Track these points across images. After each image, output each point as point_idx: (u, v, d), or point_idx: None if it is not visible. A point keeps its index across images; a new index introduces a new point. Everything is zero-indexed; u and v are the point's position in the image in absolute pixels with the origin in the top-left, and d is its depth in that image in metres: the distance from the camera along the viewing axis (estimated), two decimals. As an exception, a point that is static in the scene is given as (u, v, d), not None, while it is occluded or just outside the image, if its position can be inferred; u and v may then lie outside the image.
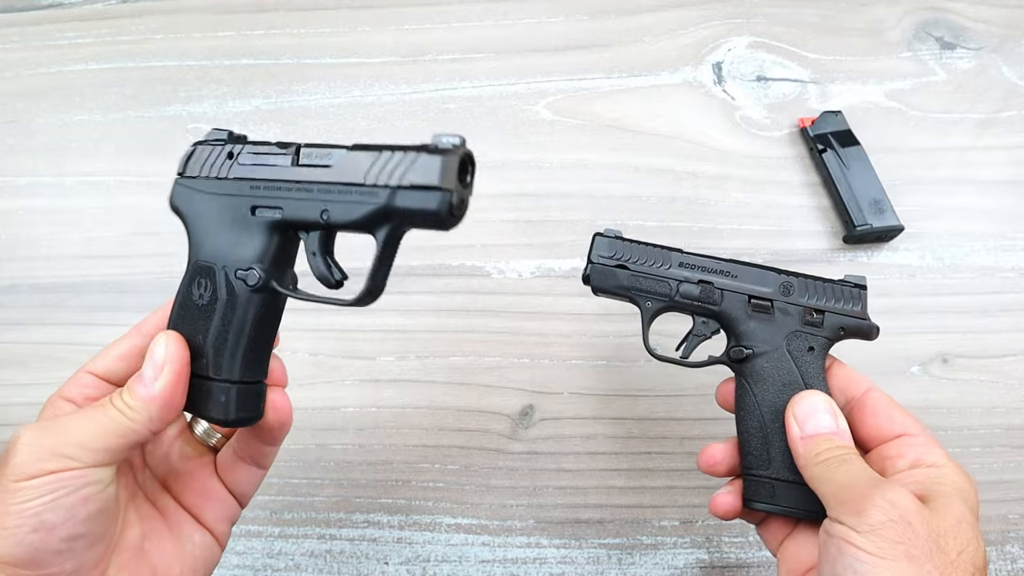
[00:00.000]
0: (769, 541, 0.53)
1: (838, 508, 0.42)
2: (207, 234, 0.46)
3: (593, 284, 0.56)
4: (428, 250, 0.78)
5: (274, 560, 0.70)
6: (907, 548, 0.38)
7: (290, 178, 0.45)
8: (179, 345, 0.44)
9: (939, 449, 0.47)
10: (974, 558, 0.40)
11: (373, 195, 0.42)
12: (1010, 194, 0.76)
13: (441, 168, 0.40)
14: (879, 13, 0.84)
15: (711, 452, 0.55)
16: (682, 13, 0.85)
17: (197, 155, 0.48)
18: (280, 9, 0.89)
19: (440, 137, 0.41)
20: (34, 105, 0.87)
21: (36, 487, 0.38)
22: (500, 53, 0.85)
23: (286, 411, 0.49)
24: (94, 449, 0.40)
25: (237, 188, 0.46)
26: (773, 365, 0.52)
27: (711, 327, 0.55)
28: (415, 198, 0.41)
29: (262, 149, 0.46)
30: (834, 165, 0.75)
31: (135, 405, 0.41)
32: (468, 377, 0.74)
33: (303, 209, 0.44)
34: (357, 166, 0.43)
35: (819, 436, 0.47)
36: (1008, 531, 0.67)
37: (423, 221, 0.41)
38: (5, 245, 0.81)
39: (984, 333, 0.72)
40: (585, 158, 0.80)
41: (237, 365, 0.45)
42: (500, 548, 0.69)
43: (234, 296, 0.45)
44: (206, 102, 0.85)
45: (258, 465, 0.51)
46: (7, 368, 0.77)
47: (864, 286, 0.54)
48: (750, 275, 0.54)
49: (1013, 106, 0.79)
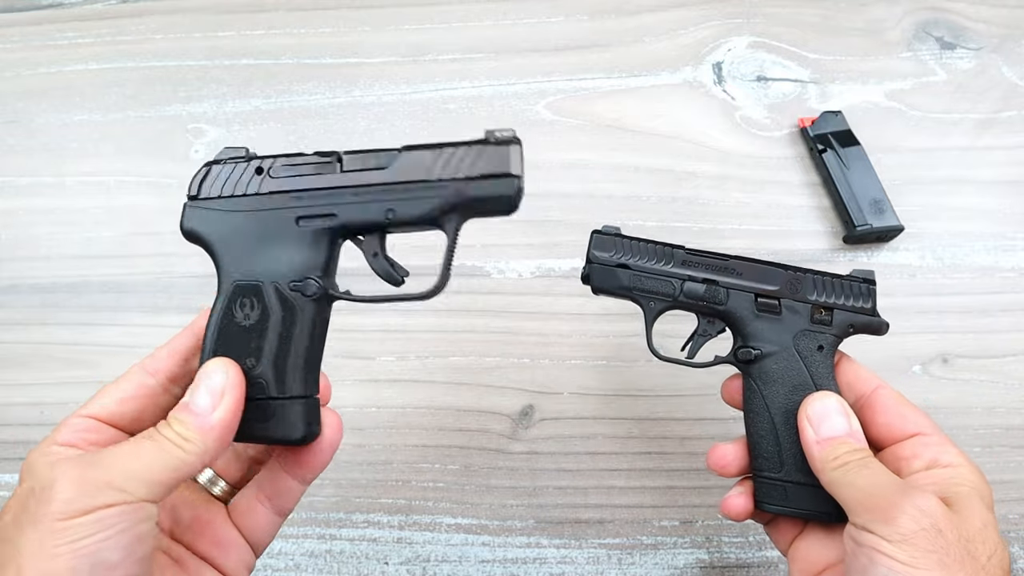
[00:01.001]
0: (779, 541, 0.53)
1: (865, 515, 0.41)
2: (244, 252, 0.45)
3: (593, 284, 0.55)
4: (428, 250, 0.77)
5: (274, 560, 0.70)
6: (940, 557, 0.38)
7: (343, 184, 0.45)
8: (238, 373, 0.42)
9: (953, 448, 0.46)
10: (1002, 563, 0.40)
11: (442, 188, 0.44)
12: (1010, 194, 0.76)
13: (511, 156, 0.43)
14: (879, 13, 0.84)
15: (721, 452, 0.54)
16: (682, 13, 0.85)
17: (214, 175, 0.46)
18: (280, 9, 0.89)
19: (493, 132, 0.44)
20: (34, 105, 0.87)
21: (89, 524, 0.35)
22: (500, 53, 0.85)
23: (337, 428, 0.47)
24: (147, 482, 0.37)
25: (276, 201, 0.45)
26: (782, 366, 0.51)
27: (717, 326, 0.54)
28: (488, 187, 0.43)
29: (298, 160, 0.46)
30: (834, 165, 0.75)
31: (191, 436, 0.39)
32: (468, 377, 0.74)
33: (364, 212, 0.44)
34: (420, 164, 0.44)
35: (835, 439, 0.46)
36: (1008, 531, 0.67)
37: (494, 207, 0.44)
38: (5, 245, 0.81)
39: (984, 333, 0.72)
40: (585, 158, 0.80)
41: (300, 380, 0.45)
42: (500, 548, 0.69)
43: (291, 309, 0.44)
44: (206, 102, 0.85)
45: (278, 511, 0.48)
46: (7, 368, 0.77)
47: (873, 281, 0.53)
48: (756, 272, 0.53)
49: (1013, 106, 0.79)
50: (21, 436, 0.75)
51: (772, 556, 0.68)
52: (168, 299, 0.78)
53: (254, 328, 0.44)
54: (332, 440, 0.47)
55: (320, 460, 0.47)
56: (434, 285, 0.46)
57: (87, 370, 0.76)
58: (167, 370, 0.44)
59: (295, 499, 0.48)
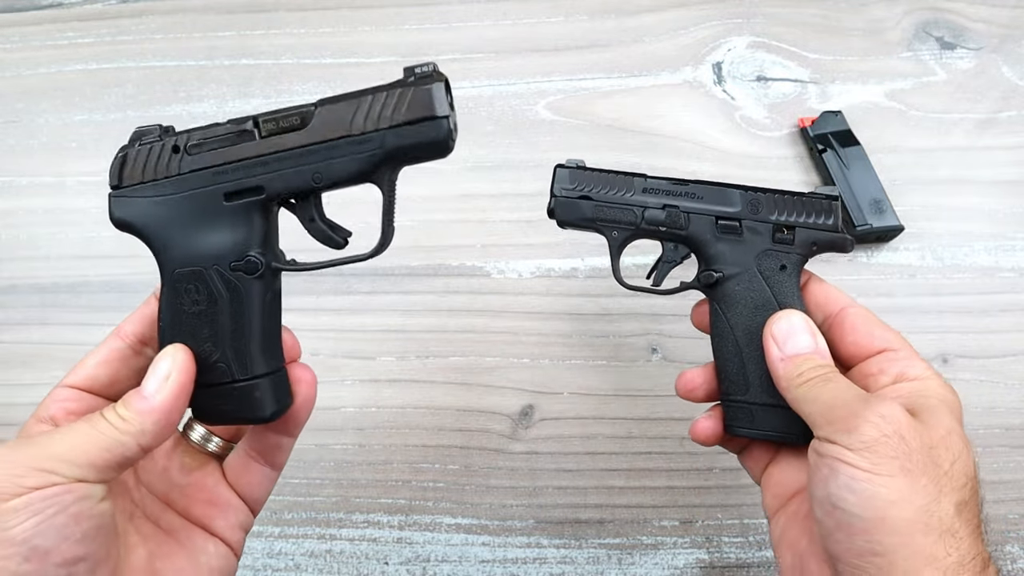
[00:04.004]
0: (752, 469, 0.52)
1: (827, 427, 0.41)
2: (177, 239, 0.43)
3: (558, 218, 0.55)
4: (428, 250, 0.78)
5: (274, 560, 0.70)
6: (902, 463, 0.38)
7: (262, 152, 0.42)
8: (187, 357, 0.42)
9: (921, 362, 0.46)
10: (966, 467, 0.40)
11: (368, 141, 0.41)
12: (1010, 194, 0.76)
13: (435, 97, 0.40)
14: (879, 13, 0.84)
15: (689, 377, 0.53)
16: (682, 13, 0.85)
17: (132, 161, 0.44)
18: (280, 9, 0.89)
19: (412, 69, 0.41)
20: (34, 105, 0.87)
21: (18, 509, 0.34)
22: (500, 53, 0.85)
23: (312, 383, 0.47)
24: (77, 463, 0.36)
25: (199, 180, 0.43)
26: (745, 287, 0.51)
27: (681, 252, 0.54)
28: (416, 132, 0.41)
29: (213, 132, 0.44)
30: (834, 165, 0.75)
31: (128, 417, 0.38)
32: (468, 377, 0.74)
33: (289, 179, 0.42)
34: (339, 119, 0.42)
35: (800, 356, 0.46)
36: (1008, 531, 0.67)
37: (427, 153, 0.42)
38: (5, 245, 0.81)
39: (984, 333, 0.72)
40: (585, 158, 0.80)
41: (262, 358, 0.44)
42: (500, 548, 0.69)
43: (237, 290, 0.43)
44: (206, 102, 0.85)
45: (271, 464, 0.49)
46: (7, 368, 0.77)
47: (836, 196, 0.52)
48: (716, 195, 0.53)
49: (1013, 106, 0.79)
50: (21, 436, 0.75)
51: (772, 556, 0.68)
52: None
53: (204, 314, 0.43)
54: (307, 397, 0.47)
55: (298, 419, 0.47)
56: (378, 243, 0.44)
57: (87, 370, 0.76)
58: (136, 332, 0.45)
59: (287, 452, 0.49)
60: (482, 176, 0.80)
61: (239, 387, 0.43)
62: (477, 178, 0.80)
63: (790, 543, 0.46)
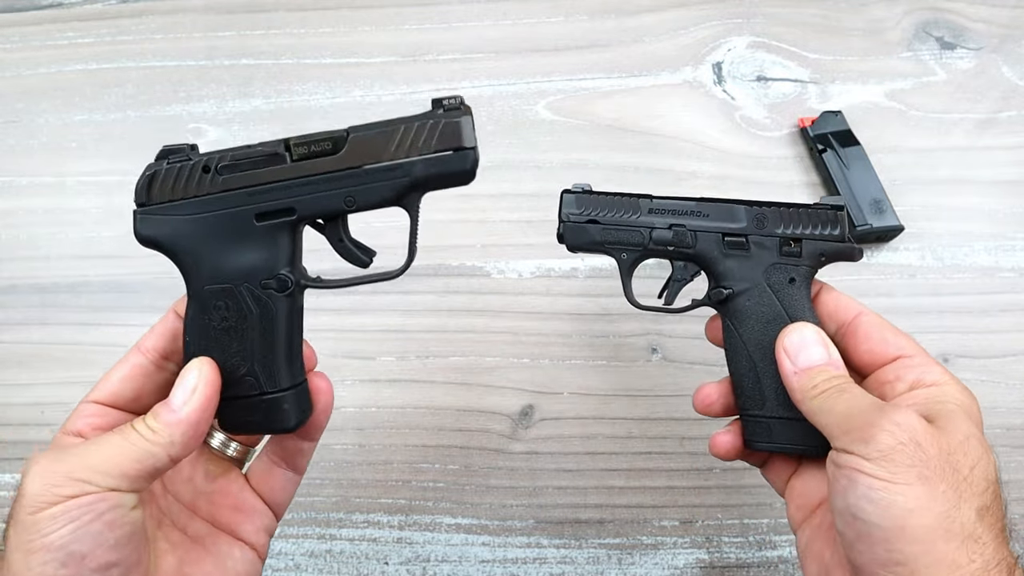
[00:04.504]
0: (775, 482, 0.52)
1: (843, 438, 0.41)
2: (208, 257, 0.45)
3: (567, 242, 0.55)
4: (428, 250, 0.77)
5: (274, 560, 0.70)
6: (920, 470, 0.38)
7: (295, 175, 0.44)
8: (213, 370, 0.43)
9: (937, 367, 0.46)
10: (986, 472, 0.40)
11: (399, 168, 0.43)
12: (1010, 194, 0.76)
13: (464, 129, 0.43)
14: (879, 13, 0.84)
15: (706, 392, 0.53)
16: (682, 13, 0.85)
17: (161, 179, 0.45)
18: (280, 9, 0.89)
19: (441, 101, 0.43)
20: (34, 105, 0.87)
21: (55, 516, 0.36)
22: (500, 53, 0.85)
23: (329, 391, 0.48)
24: (110, 474, 0.38)
25: (231, 200, 0.44)
26: (755, 302, 0.51)
27: (690, 270, 0.54)
28: (445, 162, 0.43)
29: (243, 154, 0.44)
30: (834, 165, 0.75)
31: (158, 428, 0.40)
32: (468, 377, 0.74)
33: (322, 202, 0.44)
34: (373, 146, 0.44)
35: (813, 369, 0.46)
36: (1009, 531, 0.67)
37: (453, 180, 0.44)
38: (5, 245, 0.81)
39: (984, 333, 0.72)
40: (585, 158, 0.80)
41: (288, 371, 0.45)
42: (500, 548, 0.69)
43: (267, 307, 0.44)
44: (206, 102, 0.85)
45: (294, 468, 0.50)
46: (7, 368, 0.77)
47: (841, 206, 0.52)
48: (721, 212, 0.53)
49: (1013, 106, 0.79)
50: (21, 436, 0.75)
51: (772, 556, 0.68)
52: (168, 299, 0.77)
53: (233, 330, 0.44)
54: (326, 405, 0.48)
55: (319, 425, 0.49)
56: (404, 263, 0.46)
57: (87, 370, 0.76)
58: (158, 347, 0.46)
59: (309, 455, 0.50)
60: (482, 176, 0.78)
61: (267, 399, 0.44)
62: (477, 178, 0.79)
63: (815, 554, 0.46)
